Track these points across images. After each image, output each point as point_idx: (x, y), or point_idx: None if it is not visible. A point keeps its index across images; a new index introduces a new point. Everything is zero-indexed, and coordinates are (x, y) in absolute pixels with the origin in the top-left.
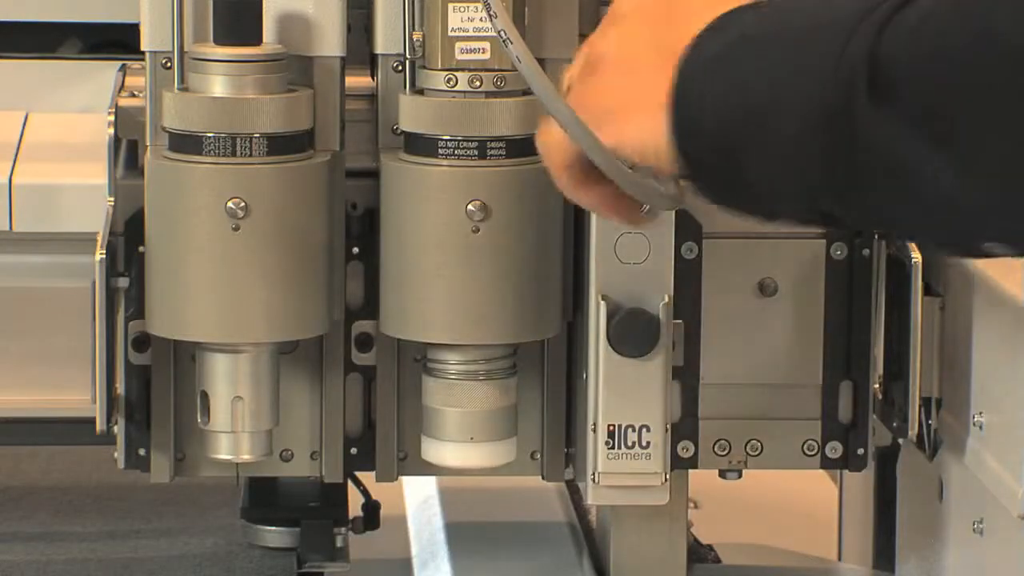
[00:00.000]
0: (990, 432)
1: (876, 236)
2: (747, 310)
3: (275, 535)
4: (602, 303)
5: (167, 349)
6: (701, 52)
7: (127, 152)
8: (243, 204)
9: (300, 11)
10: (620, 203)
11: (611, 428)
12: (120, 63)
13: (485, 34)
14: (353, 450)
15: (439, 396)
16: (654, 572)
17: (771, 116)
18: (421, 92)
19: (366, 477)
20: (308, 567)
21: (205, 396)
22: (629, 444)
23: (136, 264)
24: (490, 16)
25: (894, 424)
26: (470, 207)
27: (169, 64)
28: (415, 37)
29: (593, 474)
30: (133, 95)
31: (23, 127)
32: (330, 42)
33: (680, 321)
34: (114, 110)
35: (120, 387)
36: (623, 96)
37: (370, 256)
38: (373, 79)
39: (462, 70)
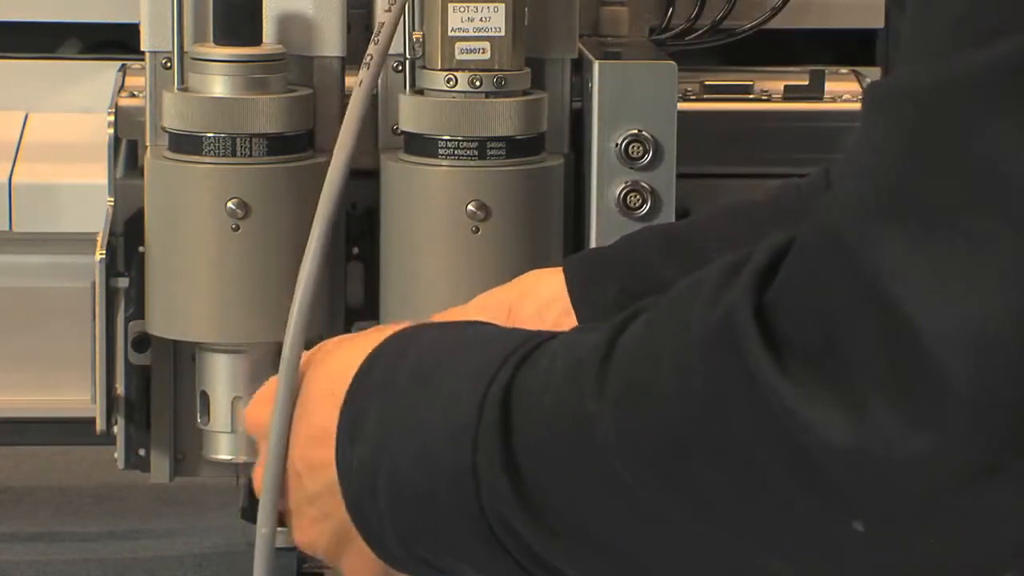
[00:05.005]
0: None
1: None
2: None
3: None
4: None
5: (167, 349)
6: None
7: (127, 152)
8: (243, 204)
9: (300, 11)
10: None
11: None
12: (120, 63)
13: (485, 34)
14: None
15: None
16: None
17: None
18: (421, 92)
19: None
20: (308, 567)
21: (205, 396)
22: None
23: (136, 264)
24: None
25: None
26: (470, 207)
27: (169, 64)
28: (415, 37)
29: None
30: (133, 95)
31: (23, 127)
32: (330, 42)
33: None
34: (114, 110)
35: (120, 387)
36: None
37: (370, 256)
38: None
39: (462, 70)
